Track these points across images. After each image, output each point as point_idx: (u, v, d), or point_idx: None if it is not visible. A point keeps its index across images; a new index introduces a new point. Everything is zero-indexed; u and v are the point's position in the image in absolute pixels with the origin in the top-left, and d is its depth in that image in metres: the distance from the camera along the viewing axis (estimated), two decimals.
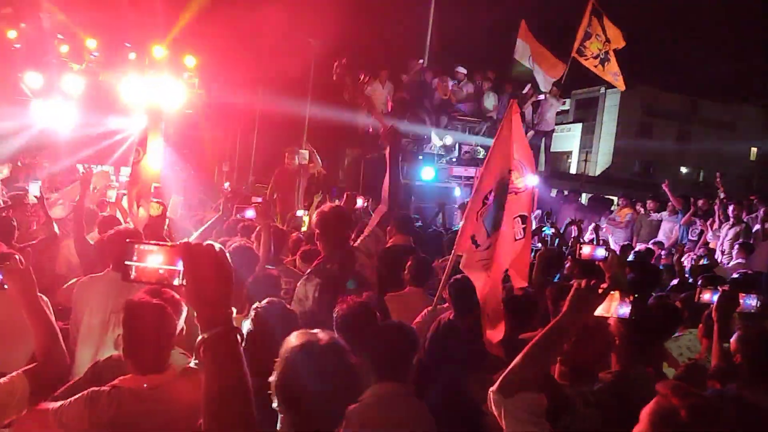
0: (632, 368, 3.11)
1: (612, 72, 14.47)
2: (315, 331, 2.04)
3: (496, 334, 3.93)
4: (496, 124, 15.37)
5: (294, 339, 2.01)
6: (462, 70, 15.62)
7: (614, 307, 2.42)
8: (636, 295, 2.54)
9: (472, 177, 13.82)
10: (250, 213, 6.56)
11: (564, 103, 19.37)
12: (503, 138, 4.46)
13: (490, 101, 15.66)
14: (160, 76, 9.81)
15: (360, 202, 7.07)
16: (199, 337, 1.50)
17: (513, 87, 15.80)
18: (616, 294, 2.41)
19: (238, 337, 1.55)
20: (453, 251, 4.54)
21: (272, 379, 1.97)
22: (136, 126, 7.06)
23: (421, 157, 14.25)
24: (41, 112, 10.96)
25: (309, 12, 16.06)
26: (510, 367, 2.23)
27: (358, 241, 4.45)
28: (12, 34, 12.62)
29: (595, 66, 14.46)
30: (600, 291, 2.30)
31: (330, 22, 15.62)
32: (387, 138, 4.47)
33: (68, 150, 11.11)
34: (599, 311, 2.37)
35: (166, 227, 5.98)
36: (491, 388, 2.23)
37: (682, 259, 8.26)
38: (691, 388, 1.91)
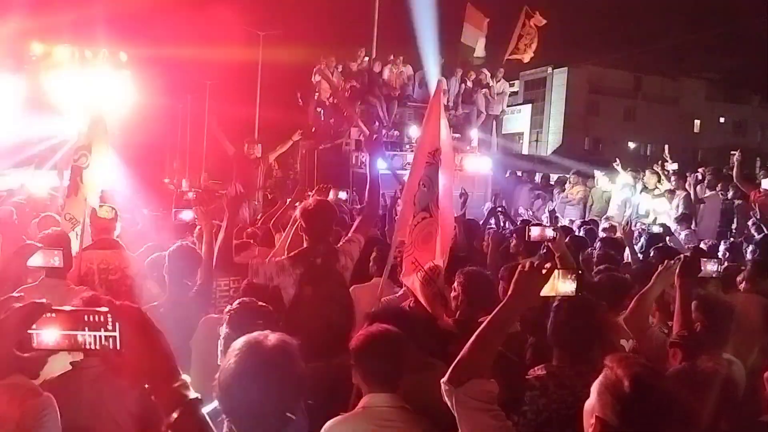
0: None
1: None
2: (265, 332, 1.99)
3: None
4: (446, 109, 15.43)
5: (241, 340, 1.96)
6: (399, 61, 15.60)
7: (559, 286, 2.42)
8: (580, 272, 2.55)
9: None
10: (186, 215, 6.39)
11: (513, 85, 19.57)
12: (432, 117, 4.50)
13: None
14: (98, 75, 9.53)
15: (332, 194, 6.99)
16: (168, 420, 1.38)
17: (463, 71, 15.86)
18: (560, 272, 2.41)
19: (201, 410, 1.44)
20: (394, 237, 4.56)
21: (214, 383, 1.91)
22: (76, 128, 6.82)
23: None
24: None
25: (255, 4, 15.82)
26: (459, 356, 2.21)
27: (339, 244, 4.43)
28: None
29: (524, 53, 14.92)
30: (543, 271, 2.30)
31: (276, 13, 15.42)
32: (368, 146, 4.48)
33: (6, 154, 10.67)
34: (545, 291, 2.38)
35: (117, 233, 5.79)
36: (442, 379, 2.20)
37: (634, 229, 8.39)
38: (635, 359, 1.94)
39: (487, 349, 2.24)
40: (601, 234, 7.91)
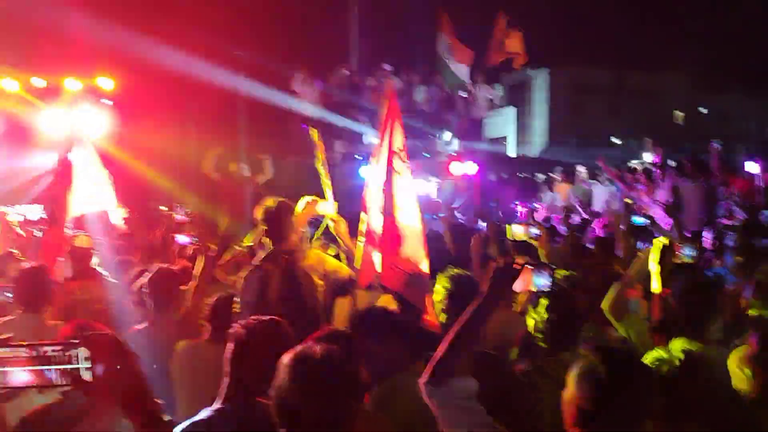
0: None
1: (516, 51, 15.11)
2: (309, 344, 2.02)
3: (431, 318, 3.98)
4: (427, 117, 15.49)
5: (288, 355, 1.98)
6: (387, 67, 15.69)
7: (532, 280, 2.43)
8: (554, 267, 2.56)
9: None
10: (182, 238, 6.39)
11: (494, 88, 19.63)
12: (387, 119, 4.56)
13: (420, 95, 15.77)
14: (77, 107, 9.51)
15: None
16: None
17: (442, 79, 15.96)
18: (534, 268, 2.43)
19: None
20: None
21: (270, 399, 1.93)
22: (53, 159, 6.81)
23: (360, 157, 14.22)
24: None
25: (231, 25, 15.83)
26: (437, 355, 2.21)
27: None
28: None
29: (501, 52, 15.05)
30: (516, 266, 2.32)
31: (254, 32, 15.44)
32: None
33: None
34: (518, 286, 2.39)
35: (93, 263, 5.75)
36: (420, 379, 2.20)
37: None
38: (610, 346, 1.95)
39: (465, 346, 2.24)
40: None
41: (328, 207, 4.98)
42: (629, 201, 10.93)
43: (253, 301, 4.04)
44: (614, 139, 24.71)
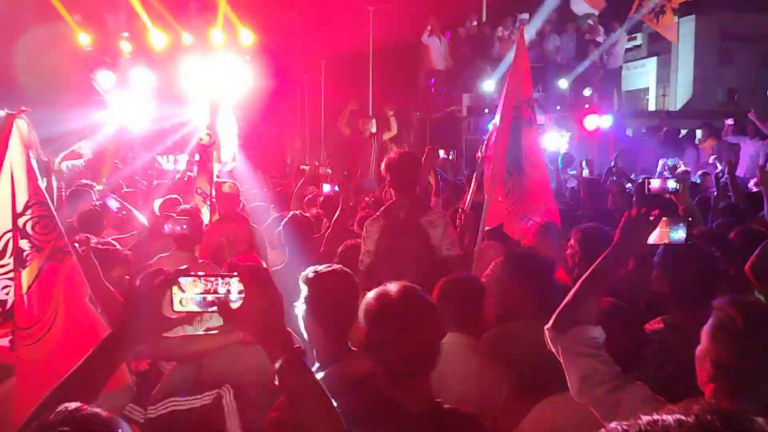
0: None
1: (666, 26, 13.95)
2: (386, 285, 2.06)
3: None
4: (560, 66, 14.87)
5: (370, 294, 2.04)
6: (524, 16, 15.14)
7: (668, 234, 2.33)
8: (690, 220, 2.43)
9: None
10: (325, 188, 6.66)
11: (635, 38, 18.42)
12: (517, 68, 4.43)
13: (553, 43, 15.13)
14: (220, 61, 10.07)
15: (442, 153, 7.05)
16: (275, 366, 1.52)
17: (575, 26, 15.19)
18: (669, 220, 2.33)
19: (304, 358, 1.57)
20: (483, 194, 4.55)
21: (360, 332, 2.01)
22: (202, 114, 7.30)
23: (487, 111, 14.01)
24: (116, 110, 11.43)
25: None
26: (564, 302, 2.21)
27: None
28: (84, 38, 13.24)
29: (650, 19, 13.95)
30: (651, 218, 2.25)
31: None
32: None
33: (144, 145, 11.56)
34: (653, 239, 2.30)
35: (241, 206, 6.17)
36: (546, 326, 2.21)
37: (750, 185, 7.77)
38: (745, 298, 1.87)
39: (593, 295, 2.21)
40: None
41: None
42: None
43: (373, 249, 4.17)
44: None
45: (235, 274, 1.53)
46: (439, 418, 1.92)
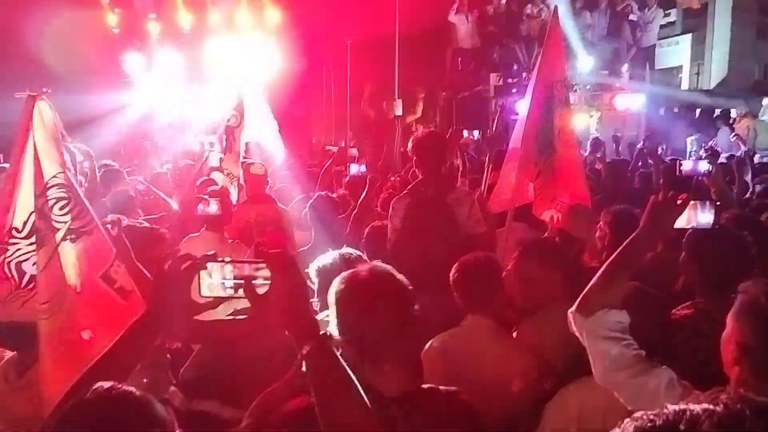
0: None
1: None
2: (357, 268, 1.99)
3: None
4: (591, 44, 14.60)
5: (337, 278, 1.94)
6: None
7: (696, 217, 2.29)
8: (718, 203, 2.38)
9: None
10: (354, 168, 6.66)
11: (669, 15, 17.96)
12: (550, 48, 4.35)
13: (584, 20, 14.84)
14: (247, 42, 10.09)
15: (465, 134, 7.04)
16: (301, 353, 1.51)
17: (608, 1, 14.86)
18: (697, 203, 2.28)
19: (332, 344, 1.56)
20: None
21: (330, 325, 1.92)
22: (231, 95, 7.35)
23: (515, 90, 13.84)
24: (145, 92, 11.55)
25: None
26: (589, 286, 2.17)
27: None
28: (112, 19, 13.35)
29: None
30: (678, 202, 2.20)
31: None
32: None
33: (177, 128, 11.62)
34: (680, 223, 2.26)
35: (268, 188, 6.21)
36: (570, 309, 2.18)
37: None
38: None
39: (618, 279, 2.18)
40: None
41: None
42: None
43: (399, 227, 4.17)
44: None
45: (262, 260, 1.53)
46: (414, 399, 1.85)
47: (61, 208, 2.47)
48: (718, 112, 14.17)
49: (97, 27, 13.13)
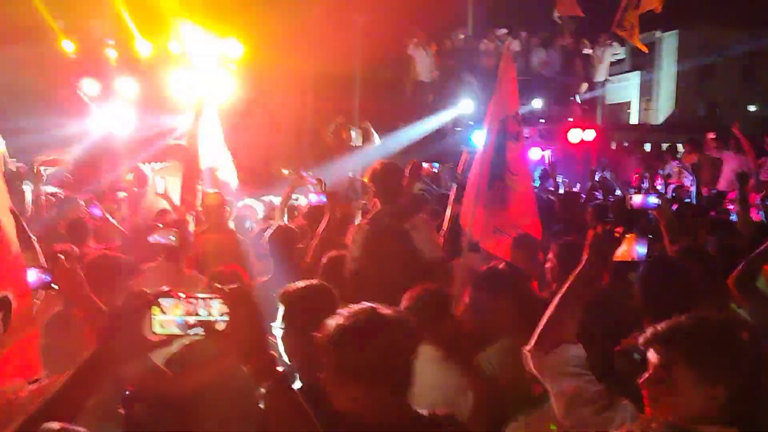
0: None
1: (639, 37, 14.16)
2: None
3: None
4: (546, 80, 15.04)
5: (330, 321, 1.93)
6: (502, 30, 15.29)
7: (633, 249, 2.40)
8: (651, 236, 2.50)
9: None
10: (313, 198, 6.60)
11: (618, 53, 18.66)
12: (504, 82, 4.52)
13: (538, 57, 15.30)
14: (205, 70, 10.07)
15: (425, 165, 7.14)
16: (260, 390, 1.53)
17: (562, 41, 15.37)
18: (632, 237, 2.39)
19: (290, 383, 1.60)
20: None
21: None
22: (186, 122, 7.32)
23: (471, 123, 14.10)
24: (100, 119, 11.40)
25: None
26: (543, 321, 2.22)
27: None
28: (68, 45, 13.15)
29: (630, 36, 14.12)
30: (617, 235, 2.29)
31: None
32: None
33: (128, 153, 11.46)
34: (619, 255, 2.35)
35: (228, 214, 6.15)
36: (526, 348, 2.22)
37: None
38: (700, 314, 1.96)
39: (570, 313, 2.24)
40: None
41: None
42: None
43: (358, 256, 4.21)
44: (750, 107, 22.81)
45: (217, 295, 1.53)
46: (413, 425, 1.90)
47: None
48: (665, 146, 14.72)
49: (53, 52, 12.94)
